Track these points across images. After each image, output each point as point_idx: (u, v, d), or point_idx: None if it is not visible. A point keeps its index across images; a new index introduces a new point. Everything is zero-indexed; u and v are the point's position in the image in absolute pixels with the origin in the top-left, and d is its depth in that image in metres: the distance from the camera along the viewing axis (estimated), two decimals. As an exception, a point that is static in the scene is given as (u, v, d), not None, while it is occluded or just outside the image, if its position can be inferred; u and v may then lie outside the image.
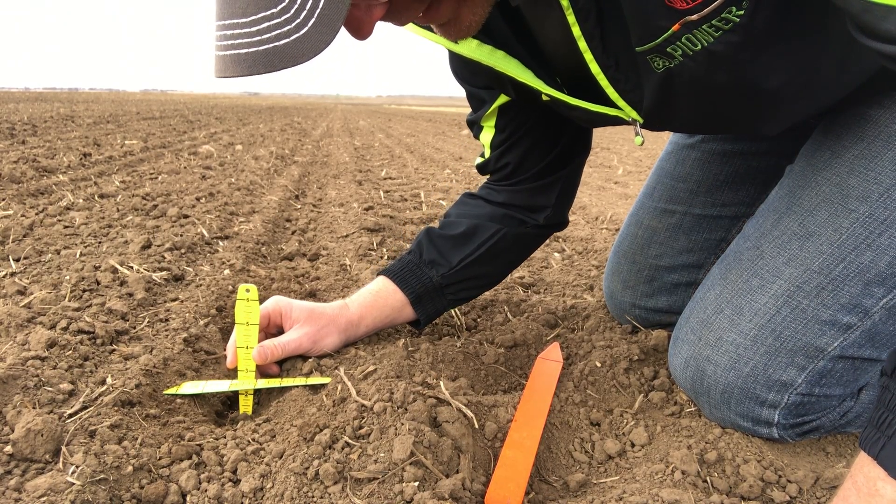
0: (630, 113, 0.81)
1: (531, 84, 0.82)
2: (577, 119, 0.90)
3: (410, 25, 0.83)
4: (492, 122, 1.05)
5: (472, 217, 1.09)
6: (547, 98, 0.85)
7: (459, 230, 1.07)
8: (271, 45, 0.51)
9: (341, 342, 0.99)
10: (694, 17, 0.62)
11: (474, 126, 1.10)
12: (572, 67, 0.80)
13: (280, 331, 0.98)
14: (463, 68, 1.04)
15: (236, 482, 0.69)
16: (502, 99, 1.01)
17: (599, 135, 9.97)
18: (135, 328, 1.10)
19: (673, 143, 1.24)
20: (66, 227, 1.86)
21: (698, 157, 1.18)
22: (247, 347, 0.91)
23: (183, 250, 1.60)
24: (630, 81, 0.77)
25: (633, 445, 0.84)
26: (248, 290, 0.91)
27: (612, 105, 0.81)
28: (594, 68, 0.75)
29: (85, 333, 1.02)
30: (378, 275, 1.08)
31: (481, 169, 1.13)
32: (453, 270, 1.06)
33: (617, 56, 0.74)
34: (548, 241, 2.08)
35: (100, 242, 1.67)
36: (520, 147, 1.05)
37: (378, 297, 1.04)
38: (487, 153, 1.09)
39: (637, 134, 0.84)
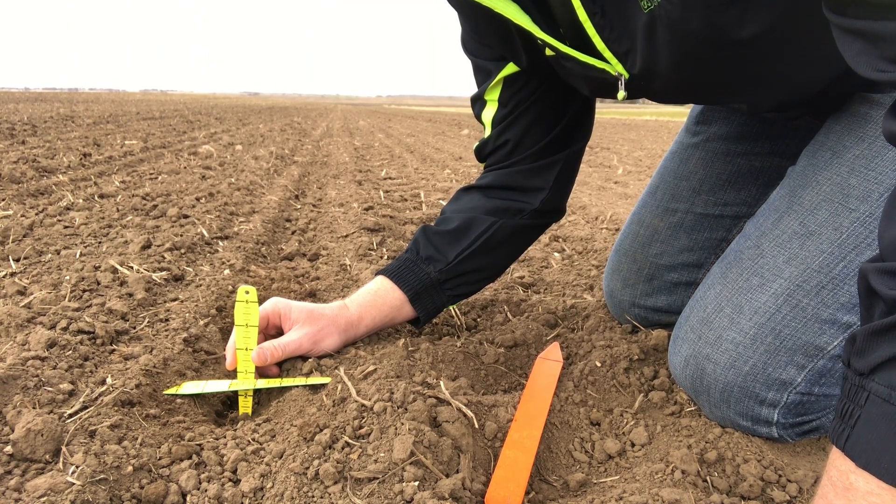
0: (616, 66, 0.81)
1: (525, 27, 0.82)
2: (572, 77, 0.90)
3: None
4: (495, 96, 1.05)
5: (467, 211, 1.09)
6: (541, 43, 0.84)
7: (454, 225, 1.07)
8: None
9: (341, 343, 0.99)
10: None
11: (477, 102, 1.09)
12: (568, 19, 0.80)
13: (279, 332, 0.98)
14: (471, 39, 1.04)
15: (236, 482, 0.69)
16: (508, 70, 1.01)
17: (599, 135, 9.96)
18: (135, 328, 1.10)
19: (677, 142, 1.25)
20: (66, 227, 1.86)
21: (702, 156, 1.18)
22: (246, 349, 0.91)
23: (183, 250, 1.60)
24: (615, 30, 0.76)
25: (633, 445, 0.84)
26: (247, 292, 0.91)
27: (600, 58, 0.81)
28: (581, 14, 0.75)
29: (85, 333, 1.02)
30: (376, 274, 1.08)
31: (480, 150, 1.12)
32: (450, 265, 1.05)
33: (603, 3, 0.74)
34: (548, 241, 2.08)
35: (100, 242, 1.67)
36: (520, 123, 1.05)
37: (377, 296, 1.04)
38: (488, 132, 1.09)
39: (621, 88, 0.83)
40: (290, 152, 4.90)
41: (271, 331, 0.98)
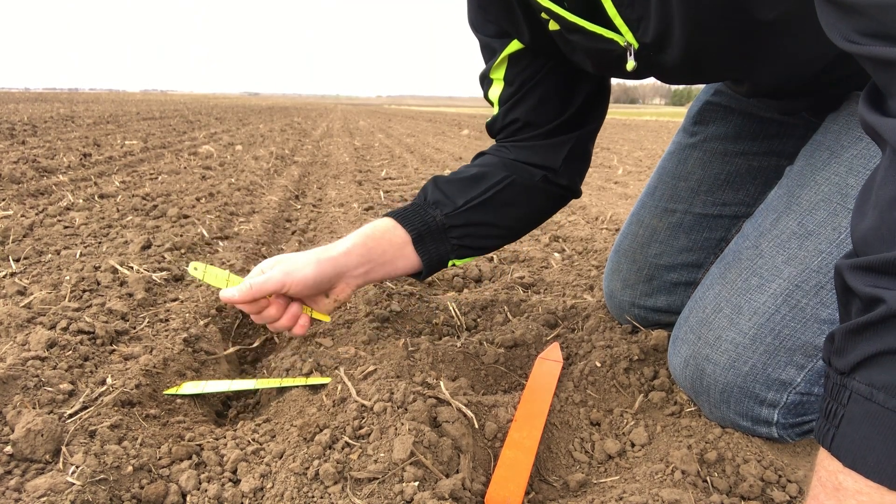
0: (626, 35, 0.80)
1: None
2: (577, 53, 0.89)
3: None
4: (500, 74, 1.04)
5: (482, 166, 1.07)
6: (545, 17, 0.83)
7: (467, 174, 1.05)
8: None
9: (319, 272, 0.93)
10: None
11: (484, 81, 1.08)
12: None
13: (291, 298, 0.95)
14: (476, 15, 1.03)
15: (236, 482, 0.69)
16: (512, 47, 1.00)
17: (599, 135, 9.95)
18: (135, 328, 1.10)
19: (675, 143, 1.25)
20: (66, 227, 1.86)
21: (700, 156, 1.18)
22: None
23: (183, 250, 1.60)
24: None
25: (633, 445, 0.85)
26: (195, 269, 0.90)
27: (610, 27, 0.80)
28: None
29: (85, 333, 1.02)
30: (383, 217, 1.04)
31: (490, 128, 1.11)
32: (458, 211, 1.02)
33: None
34: (548, 242, 2.08)
35: (100, 243, 1.67)
36: (527, 102, 1.04)
37: (376, 228, 1.00)
38: (496, 109, 1.08)
39: (630, 59, 0.82)
40: (290, 152, 4.90)
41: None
